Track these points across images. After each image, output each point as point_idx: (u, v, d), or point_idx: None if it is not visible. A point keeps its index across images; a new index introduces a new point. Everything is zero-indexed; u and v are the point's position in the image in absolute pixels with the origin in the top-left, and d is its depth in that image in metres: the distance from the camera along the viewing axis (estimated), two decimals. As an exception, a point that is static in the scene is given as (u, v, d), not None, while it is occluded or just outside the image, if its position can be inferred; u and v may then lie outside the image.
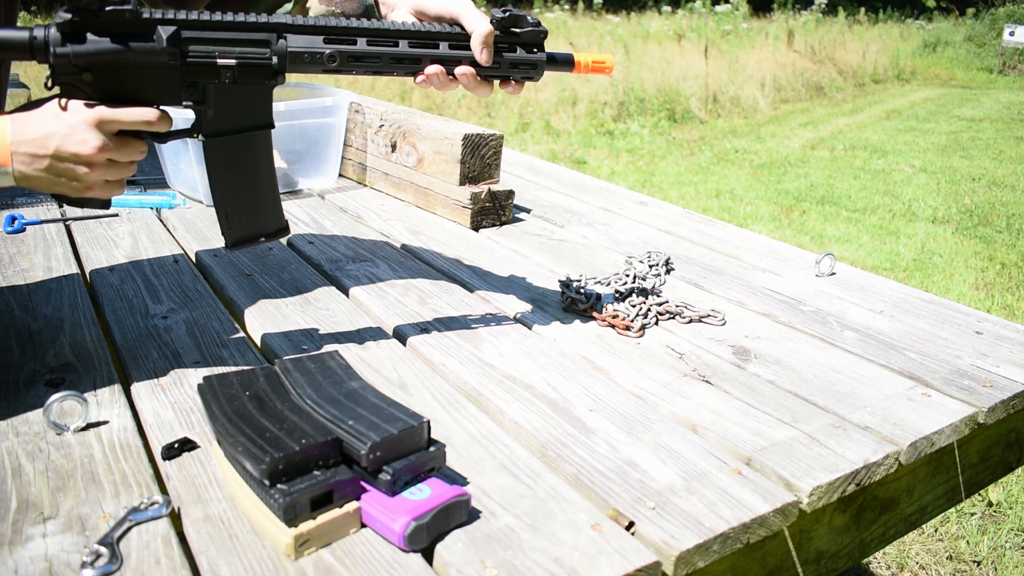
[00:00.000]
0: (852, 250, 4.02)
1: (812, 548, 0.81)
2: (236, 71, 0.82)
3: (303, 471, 0.64)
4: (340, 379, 0.76)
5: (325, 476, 0.64)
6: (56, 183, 0.79)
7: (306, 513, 0.62)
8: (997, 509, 2.08)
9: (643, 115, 7.68)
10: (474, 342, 1.02)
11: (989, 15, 15.08)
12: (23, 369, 0.90)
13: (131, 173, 0.84)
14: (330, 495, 0.63)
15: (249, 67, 0.82)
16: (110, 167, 0.81)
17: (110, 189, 0.83)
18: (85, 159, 0.78)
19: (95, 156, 0.78)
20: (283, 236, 0.94)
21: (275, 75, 0.84)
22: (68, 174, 0.79)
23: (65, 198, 0.84)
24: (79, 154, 0.77)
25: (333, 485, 0.64)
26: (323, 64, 0.84)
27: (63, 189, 0.81)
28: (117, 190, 0.84)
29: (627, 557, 0.63)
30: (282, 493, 0.61)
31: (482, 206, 1.51)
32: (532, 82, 0.92)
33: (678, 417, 0.86)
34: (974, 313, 1.18)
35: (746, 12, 12.95)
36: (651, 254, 1.34)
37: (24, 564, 0.60)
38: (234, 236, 0.91)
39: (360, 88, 7.49)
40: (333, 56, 0.83)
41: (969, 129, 7.70)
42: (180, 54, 0.79)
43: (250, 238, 0.92)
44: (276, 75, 0.84)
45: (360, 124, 1.79)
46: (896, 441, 0.82)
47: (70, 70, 0.76)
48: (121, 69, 0.78)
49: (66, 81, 0.77)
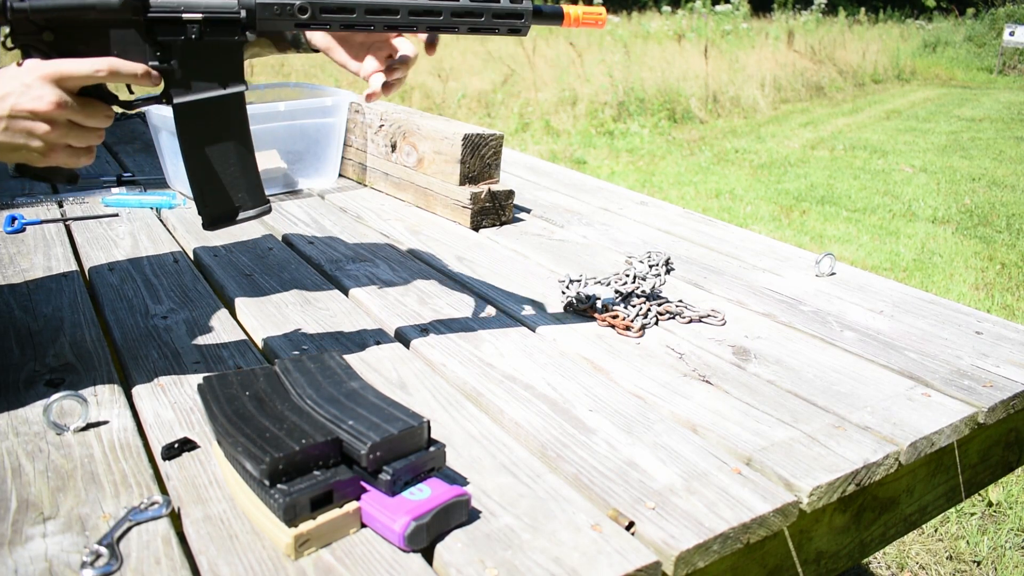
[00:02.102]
0: (852, 250, 4.02)
1: (812, 548, 0.81)
2: (203, 26, 0.79)
3: (303, 471, 0.64)
4: (340, 379, 0.76)
5: (325, 476, 0.64)
6: (16, 148, 0.76)
7: (306, 513, 0.62)
8: (997, 509, 2.08)
9: (643, 115, 7.68)
10: (474, 342, 1.02)
11: (989, 15, 15.09)
12: (23, 369, 0.90)
13: (97, 140, 0.80)
14: (330, 495, 0.63)
15: (216, 22, 0.80)
16: (72, 129, 0.77)
17: (75, 156, 0.80)
18: (43, 115, 0.75)
19: (53, 112, 0.75)
20: (264, 215, 0.91)
21: (244, 30, 0.81)
22: (26, 133, 0.75)
23: (30, 171, 0.81)
24: (36, 111, 0.74)
25: (333, 485, 0.64)
26: (294, 17, 0.81)
27: (25, 156, 0.77)
28: (84, 158, 0.80)
29: (627, 557, 0.63)
30: (282, 493, 0.61)
31: (482, 206, 1.51)
32: (520, 36, 0.89)
33: (678, 417, 0.86)
34: (974, 313, 1.18)
35: (746, 12, 12.94)
36: (651, 254, 1.34)
37: (24, 564, 0.60)
38: (210, 214, 0.88)
39: (360, 88, 7.49)
40: (304, 7, 0.80)
41: (969, 129, 7.70)
42: (143, 8, 0.77)
43: (227, 216, 0.88)
44: (246, 30, 0.81)
45: (360, 124, 1.79)
46: (896, 441, 0.82)
47: (29, 28, 0.74)
48: (83, 28, 0.76)
49: (26, 42, 0.75)
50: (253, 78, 7.55)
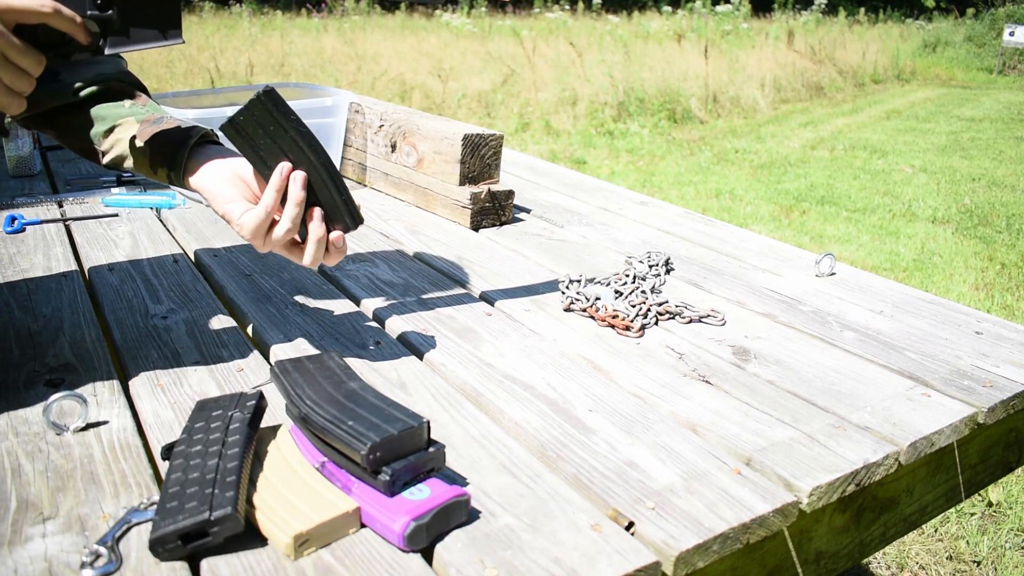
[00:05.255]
0: (852, 250, 4.02)
1: (812, 548, 0.81)
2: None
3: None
4: (339, 379, 0.76)
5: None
6: None
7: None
8: (997, 509, 2.08)
9: (643, 115, 7.68)
10: (474, 342, 1.02)
11: (989, 15, 15.09)
12: (23, 369, 0.90)
13: (27, 88, 0.77)
14: None
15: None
16: (5, 65, 0.74)
17: (5, 95, 0.76)
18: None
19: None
20: None
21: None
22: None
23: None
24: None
25: None
26: None
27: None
28: (13, 103, 0.77)
29: (627, 557, 0.63)
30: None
31: (482, 206, 1.51)
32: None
33: (678, 417, 0.86)
34: (974, 313, 1.18)
35: (746, 12, 12.95)
36: (651, 254, 1.34)
37: (24, 564, 0.60)
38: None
39: (360, 88, 7.49)
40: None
41: (969, 129, 7.70)
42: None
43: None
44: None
45: (360, 124, 1.79)
46: (896, 441, 0.82)
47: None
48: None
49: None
50: (253, 78, 7.55)
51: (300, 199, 0.85)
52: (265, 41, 9.37)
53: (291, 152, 0.84)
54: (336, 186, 0.87)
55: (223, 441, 0.68)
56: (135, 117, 0.98)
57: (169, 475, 0.65)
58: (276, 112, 0.82)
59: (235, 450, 0.67)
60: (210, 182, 0.91)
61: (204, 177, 0.92)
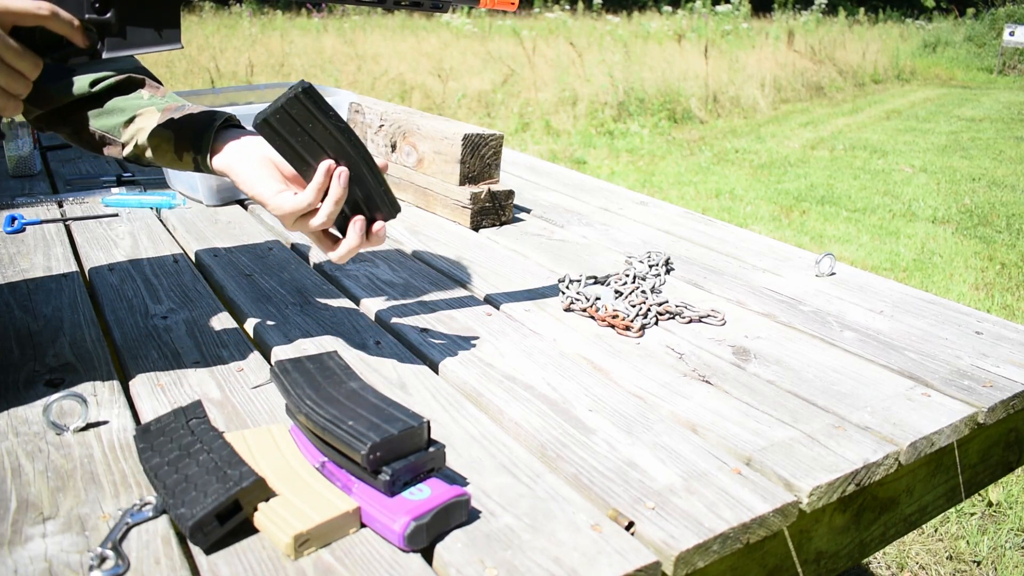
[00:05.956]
0: (852, 250, 4.02)
1: (812, 548, 0.81)
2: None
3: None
4: (339, 379, 0.76)
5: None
6: None
7: None
8: (997, 509, 2.08)
9: (643, 115, 7.68)
10: (474, 342, 1.02)
11: (989, 15, 15.08)
12: (23, 369, 0.90)
13: (23, 91, 0.77)
14: None
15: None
16: (1, 68, 0.74)
17: (1, 98, 0.76)
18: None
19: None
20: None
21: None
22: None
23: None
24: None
25: None
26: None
27: None
28: (9, 106, 0.76)
29: (627, 557, 0.63)
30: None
31: (482, 206, 1.51)
32: (441, 13, 0.90)
33: (678, 417, 0.86)
34: (974, 313, 1.18)
35: (746, 12, 12.95)
36: (651, 254, 1.34)
37: (24, 564, 0.60)
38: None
39: (360, 88, 7.50)
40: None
41: (969, 129, 7.70)
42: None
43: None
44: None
45: (360, 124, 1.78)
46: (896, 441, 0.82)
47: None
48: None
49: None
50: (253, 78, 7.55)
51: (341, 197, 0.85)
52: (265, 41, 9.37)
53: (331, 148, 0.84)
54: (376, 178, 0.87)
55: (199, 440, 0.70)
56: (155, 106, 0.97)
57: (164, 479, 0.66)
58: (315, 109, 0.82)
59: (219, 442, 0.69)
60: (238, 163, 0.90)
61: (231, 158, 0.91)
